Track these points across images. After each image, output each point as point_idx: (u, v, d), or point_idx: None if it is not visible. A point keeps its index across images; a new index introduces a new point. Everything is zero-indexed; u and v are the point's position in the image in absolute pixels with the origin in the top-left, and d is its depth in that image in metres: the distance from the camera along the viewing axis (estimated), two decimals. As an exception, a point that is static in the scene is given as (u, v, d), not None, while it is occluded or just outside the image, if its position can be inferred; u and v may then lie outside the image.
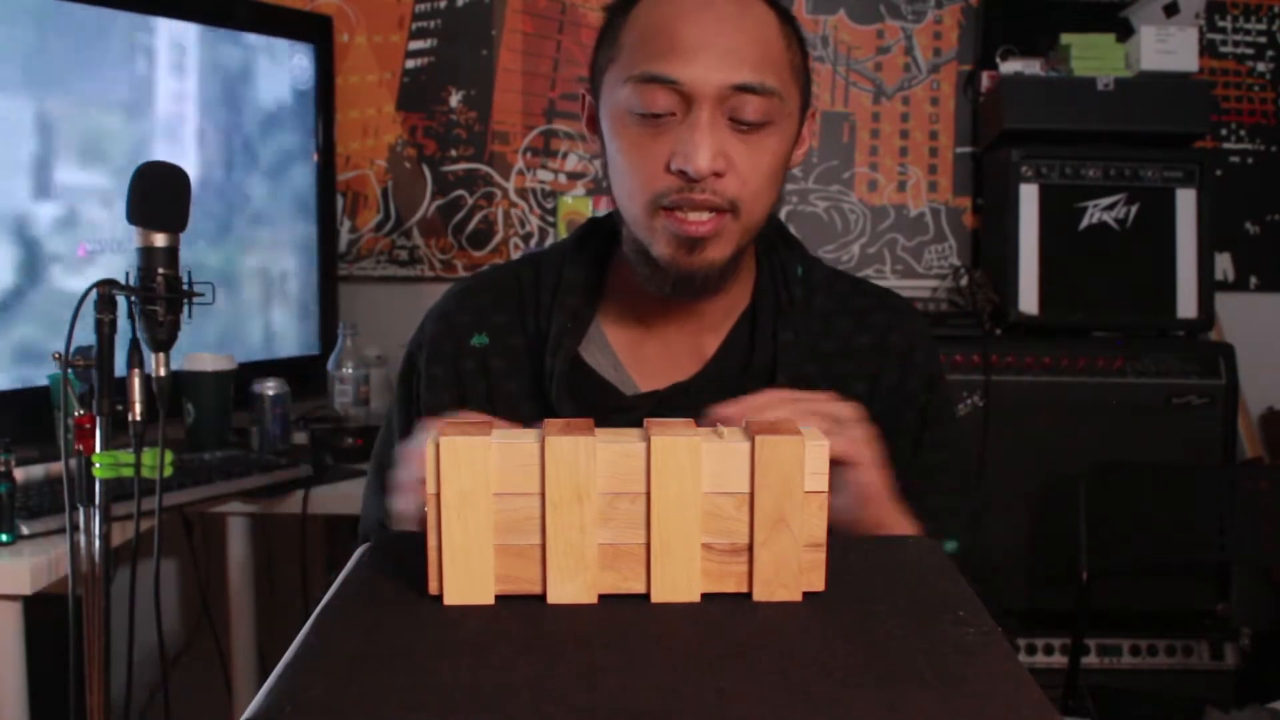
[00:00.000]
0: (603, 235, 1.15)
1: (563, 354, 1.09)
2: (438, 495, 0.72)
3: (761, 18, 1.01)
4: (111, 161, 1.93)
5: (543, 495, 0.72)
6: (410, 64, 2.50)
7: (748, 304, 1.13)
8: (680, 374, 1.11)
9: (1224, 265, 2.51)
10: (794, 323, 1.10)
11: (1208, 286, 2.21)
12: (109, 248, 1.92)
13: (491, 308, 1.14)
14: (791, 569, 0.73)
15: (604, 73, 1.05)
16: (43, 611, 1.48)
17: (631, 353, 1.12)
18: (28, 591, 1.39)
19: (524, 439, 0.72)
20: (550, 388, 1.08)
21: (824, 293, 1.14)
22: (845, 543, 0.74)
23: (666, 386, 1.10)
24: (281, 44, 2.22)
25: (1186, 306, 2.21)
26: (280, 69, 2.23)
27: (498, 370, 1.12)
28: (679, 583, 0.73)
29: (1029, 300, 2.21)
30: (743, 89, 0.98)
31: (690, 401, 1.05)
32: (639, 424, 1.05)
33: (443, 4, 2.49)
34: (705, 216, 0.99)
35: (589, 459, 0.71)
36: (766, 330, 1.10)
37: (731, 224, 1.01)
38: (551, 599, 0.73)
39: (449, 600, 0.73)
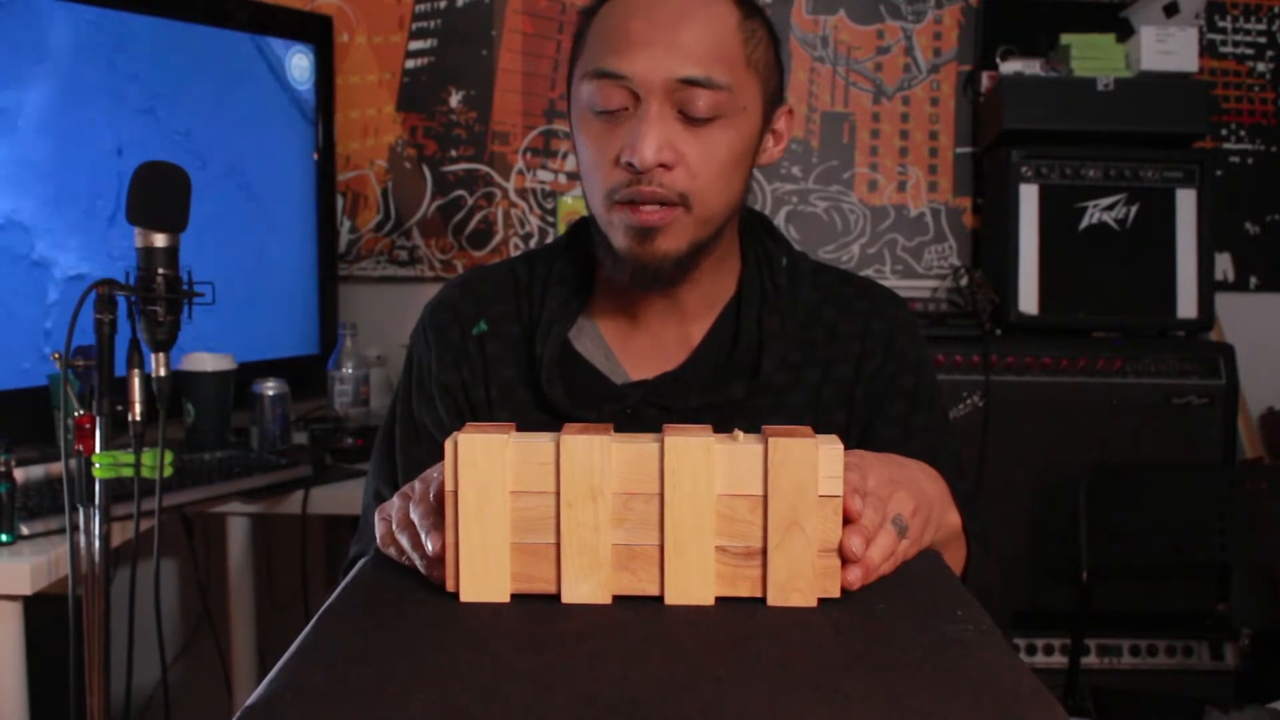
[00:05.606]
0: (591, 231, 1.18)
1: (552, 341, 1.12)
2: (455, 493, 0.72)
3: (717, 13, 1.03)
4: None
5: (557, 494, 0.72)
6: (410, 64, 2.50)
7: (733, 294, 1.16)
8: (669, 363, 1.13)
9: (1224, 265, 2.51)
10: (780, 310, 1.13)
11: (1208, 286, 2.21)
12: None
13: (490, 298, 1.18)
14: (806, 574, 0.73)
15: (573, 74, 1.09)
16: (43, 611, 1.48)
17: (622, 343, 1.15)
18: (28, 591, 1.39)
19: (540, 439, 0.73)
20: (541, 374, 1.11)
21: (809, 283, 1.17)
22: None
23: (655, 376, 1.12)
24: (281, 44, 2.22)
25: (1186, 306, 2.21)
26: (280, 69, 2.23)
27: (495, 356, 1.15)
28: (692, 585, 0.73)
29: (1029, 300, 2.21)
30: (689, 83, 1.00)
31: (679, 390, 1.10)
32: (630, 411, 1.09)
33: (443, 4, 2.48)
34: (655, 209, 1.02)
35: (603, 458, 0.71)
36: (751, 317, 1.13)
37: (684, 217, 1.03)
38: (566, 598, 0.73)
39: (465, 597, 0.73)
